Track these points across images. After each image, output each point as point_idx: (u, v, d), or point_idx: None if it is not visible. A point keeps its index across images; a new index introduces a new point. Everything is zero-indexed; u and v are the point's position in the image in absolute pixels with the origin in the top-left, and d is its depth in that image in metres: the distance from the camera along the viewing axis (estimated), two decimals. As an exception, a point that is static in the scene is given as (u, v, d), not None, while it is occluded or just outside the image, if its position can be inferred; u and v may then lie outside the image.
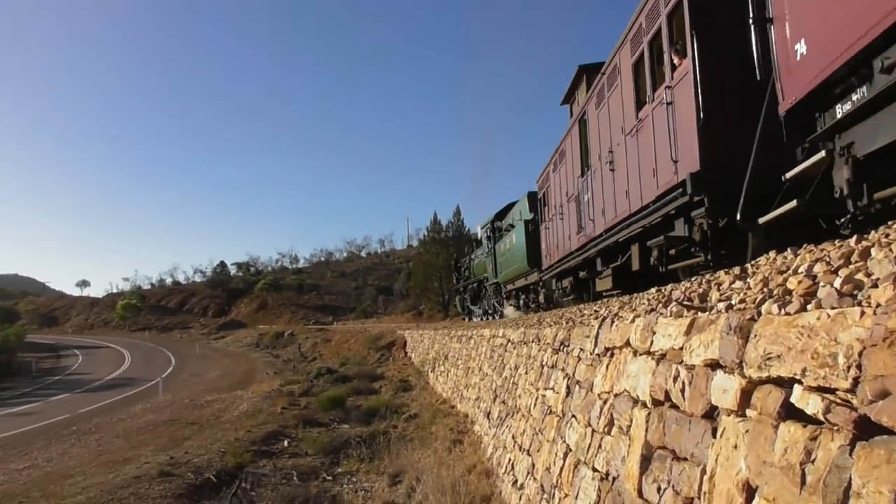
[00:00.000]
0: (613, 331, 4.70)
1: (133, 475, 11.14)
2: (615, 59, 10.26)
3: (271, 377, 30.97)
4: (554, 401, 6.43)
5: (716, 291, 3.78)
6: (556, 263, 15.81)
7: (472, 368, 15.04)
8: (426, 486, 8.66)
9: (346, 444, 13.72)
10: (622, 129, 10.03)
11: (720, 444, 2.57)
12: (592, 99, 11.92)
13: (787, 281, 2.87)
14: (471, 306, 32.18)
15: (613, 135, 10.58)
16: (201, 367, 44.27)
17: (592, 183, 12.11)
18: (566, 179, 14.44)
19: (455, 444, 11.37)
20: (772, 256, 4.56)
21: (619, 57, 10.05)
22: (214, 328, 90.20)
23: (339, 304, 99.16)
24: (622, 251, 10.89)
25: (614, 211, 10.61)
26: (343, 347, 42.85)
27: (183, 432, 16.00)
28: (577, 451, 4.99)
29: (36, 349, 64.26)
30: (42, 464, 14.07)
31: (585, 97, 12.69)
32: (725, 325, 2.67)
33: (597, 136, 11.70)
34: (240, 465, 11.84)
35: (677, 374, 3.17)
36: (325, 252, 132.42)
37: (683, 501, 2.86)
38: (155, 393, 28.04)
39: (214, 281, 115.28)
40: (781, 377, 2.18)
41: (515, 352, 10.16)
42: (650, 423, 3.50)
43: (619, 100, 10.14)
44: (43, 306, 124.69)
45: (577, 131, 13.19)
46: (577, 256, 13.49)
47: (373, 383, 24.99)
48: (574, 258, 13.82)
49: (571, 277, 14.78)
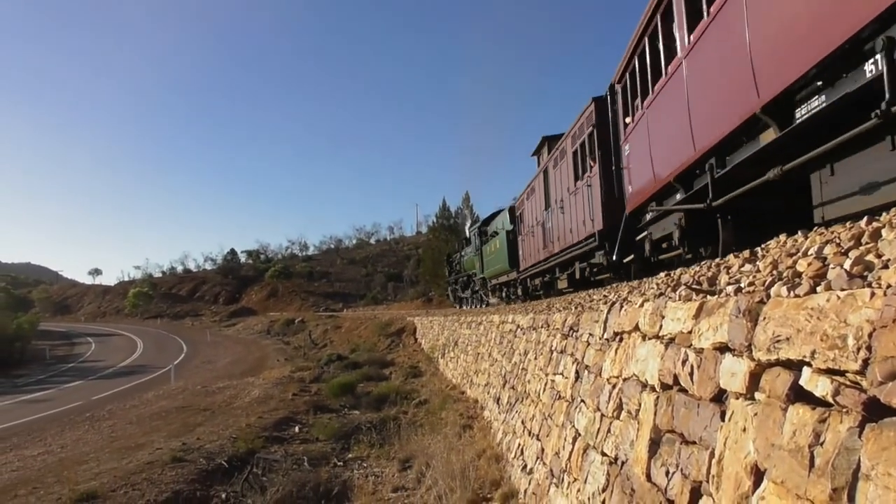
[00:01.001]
0: (622, 315, 4.68)
1: (146, 461, 11.24)
2: (564, 143, 15.55)
3: (282, 364, 31.16)
4: (563, 386, 6.43)
5: (725, 275, 3.75)
6: (530, 267, 20.95)
7: (482, 354, 15.06)
8: (436, 472, 8.70)
9: (357, 430, 13.79)
10: (567, 188, 15.19)
11: (729, 427, 2.56)
12: (551, 161, 17.10)
13: (797, 263, 2.85)
14: (461, 295, 37.79)
15: (563, 189, 15.75)
16: (213, 354, 44.59)
17: (551, 217, 17.18)
18: (536, 208, 19.50)
19: (465, 430, 11.41)
20: (781, 239, 4.52)
21: (566, 143, 15.28)
22: (225, 315, 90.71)
23: (348, 291, 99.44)
24: (570, 264, 16.06)
25: (565, 240, 15.66)
26: (353, 334, 43.01)
27: (195, 419, 16.12)
28: (587, 435, 4.99)
29: (49, 337, 64.92)
30: (56, 450, 14.22)
31: (547, 158, 17.97)
32: (734, 308, 2.65)
33: (554, 186, 16.96)
34: (251, 450, 11.93)
35: (686, 358, 3.15)
36: (334, 239, 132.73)
37: (692, 485, 2.86)
38: (167, 380, 28.27)
39: (225, 269, 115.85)
40: (790, 360, 2.16)
41: (525, 337, 10.16)
42: (659, 407, 3.49)
43: (566, 169, 15.21)
44: (56, 294, 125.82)
45: (542, 178, 18.34)
46: (544, 265, 18.61)
47: (383, 369, 25.11)
48: (542, 265, 18.99)
49: (540, 278, 20.07)
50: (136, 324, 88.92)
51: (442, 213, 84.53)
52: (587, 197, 13.15)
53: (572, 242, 14.74)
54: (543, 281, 19.63)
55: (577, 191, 14.07)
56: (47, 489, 10.05)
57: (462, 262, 36.06)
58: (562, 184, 15.76)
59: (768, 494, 2.13)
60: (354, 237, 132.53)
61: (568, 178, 14.98)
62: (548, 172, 17.49)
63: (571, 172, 14.54)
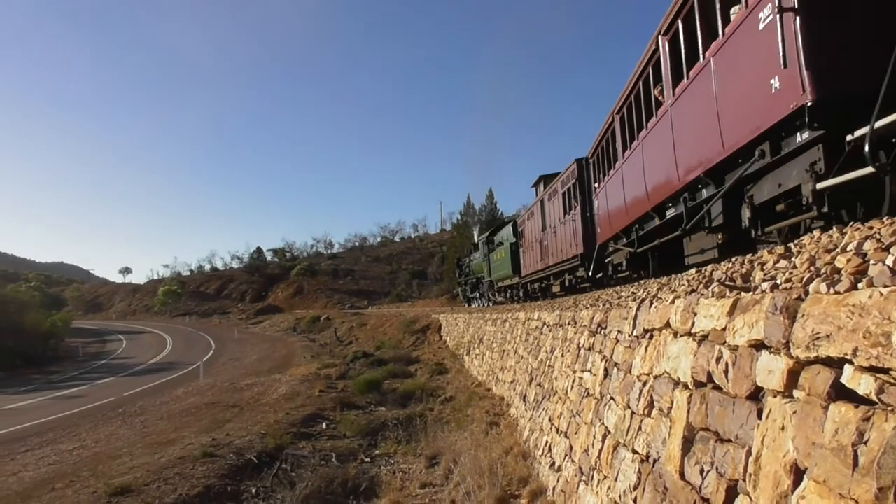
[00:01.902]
0: (652, 312, 4.64)
1: (177, 456, 11.41)
2: (556, 184, 20.25)
3: (308, 361, 31.40)
4: (591, 383, 6.39)
5: (759, 271, 3.70)
6: (530, 274, 25.73)
7: (508, 351, 15.03)
8: (464, 468, 8.71)
9: (383, 427, 13.87)
10: (559, 218, 19.79)
11: (766, 425, 2.53)
12: (546, 195, 22.16)
13: (836, 259, 2.80)
14: (470, 295, 43.24)
15: (555, 218, 20.43)
16: (240, 351, 45.08)
17: (547, 237, 21.83)
18: (535, 228, 24.19)
19: (491, 427, 11.40)
20: (815, 235, 4.45)
21: (557, 185, 20.03)
22: (252, 313, 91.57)
23: (373, 289, 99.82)
24: (561, 275, 20.55)
25: (557, 256, 20.25)
26: (378, 331, 43.16)
27: (224, 415, 16.33)
28: (616, 433, 4.96)
29: (82, 334, 66.13)
30: (90, 444, 14.50)
31: (542, 192, 23.05)
32: (771, 304, 2.61)
33: (549, 215, 21.74)
34: (280, 446, 12.05)
35: (720, 356, 3.12)
36: (359, 237, 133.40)
37: (728, 483, 2.82)
38: (196, 376, 28.64)
39: (251, 267, 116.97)
40: (831, 357, 2.12)
41: (551, 334, 10.12)
42: (692, 404, 3.45)
43: (558, 204, 19.88)
44: (88, 293, 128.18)
45: (540, 207, 23.16)
46: (542, 273, 23.39)
47: (408, 367, 25.19)
48: (540, 274, 23.76)
49: (538, 283, 24.66)
50: (165, 321, 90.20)
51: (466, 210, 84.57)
52: (572, 228, 18.15)
53: (562, 259, 19.56)
54: (541, 286, 24.29)
55: (565, 222, 18.96)
56: (83, 483, 10.25)
57: (471, 265, 40.92)
58: (554, 214, 20.63)
59: (809, 493, 2.10)
60: (379, 235, 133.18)
61: (559, 210, 19.79)
62: (544, 203, 22.51)
63: (561, 207, 19.46)
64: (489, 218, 76.26)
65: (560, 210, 19.51)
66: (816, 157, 5.46)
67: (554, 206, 20.47)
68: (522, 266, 26.81)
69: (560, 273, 20.35)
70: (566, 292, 19.80)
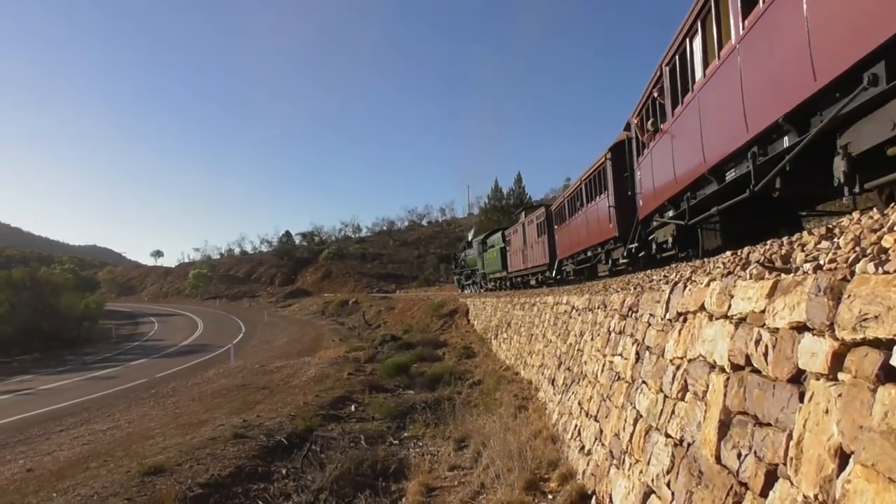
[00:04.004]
0: (686, 295, 4.57)
1: (209, 436, 11.59)
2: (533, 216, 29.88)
3: (337, 344, 31.66)
4: (622, 367, 6.33)
5: (800, 252, 3.60)
6: (514, 272, 34.91)
7: (536, 335, 14.99)
8: (492, 451, 8.72)
9: (412, 410, 13.93)
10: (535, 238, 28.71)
11: (808, 408, 2.47)
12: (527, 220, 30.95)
13: (882, 239, 2.71)
14: (465, 283, 52.67)
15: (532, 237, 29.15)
16: (270, 334, 45.65)
17: (527, 249, 30.61)
18: (518, 240, 33.02)
19: (520, 411, 11.39)
20: (855, 217, 4.31)
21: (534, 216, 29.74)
22: (281, 296, 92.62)
23: (401, 273, 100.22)
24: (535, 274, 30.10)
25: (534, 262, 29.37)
26: (406, 315, 43.37)
27: (254, 396, 16.55)
28: (649, 417, 4.90)
29: (115, 317, 67.65)
30: (124, 424, 14.80)
31: (524, 218, 32.25)
32: (814, 286, 2.54)
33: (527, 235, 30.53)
34: (309, 428, 12.17)
35: (759, 338, 3.05)
36: (386, 221, 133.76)
37: (767, 467, 2.77)
38: (227, 358, 29.09)
39: (280, 250, 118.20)
40: (879, 339, 2.06)
41: (580, 318, 10.05)
42: (729, 388, 3.39)
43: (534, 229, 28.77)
44: (120, 276, 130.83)
45: (522, 228, 32.02)
46: (523, 272, 32.78)
47: (436, 350, 25.27)
48: (521, 272, 33.11)
49: (521, 278, 33.97)
50: (195, 304, 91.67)
51: (494, 194, 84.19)
52: (542, 247, 27.57)
53: (536, 265, 29.34)
54: (522, 280, 33.99)
55: (538, 242, 28.29)
56: (117, 462, 10.47)
57: (466, 260, 51.70)
58: (531, 235, 29.94)
59: (855, 478, 2.04)
60: (406, 219, 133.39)
61: (534, 233, 29.09)
62: (525, 226, 31.50)
63: (535, 232, 28.94)
64: (517, 202, 75.89)
65: (535, 234, 28.98)
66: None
67: (531, 230, 29.80)
68: (509, 265, 35.73)
69: (535, 273, 30.49)
70: (539, 285, 29.56)
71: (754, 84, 7.02)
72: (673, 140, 10.63)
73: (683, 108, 9.78)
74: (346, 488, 9.05)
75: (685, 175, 10.03)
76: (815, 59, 5.43)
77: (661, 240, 12.95)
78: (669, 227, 12.02)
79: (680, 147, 10.29)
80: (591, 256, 20.07)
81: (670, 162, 10.90)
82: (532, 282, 31.19)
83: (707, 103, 8.73)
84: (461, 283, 54.43)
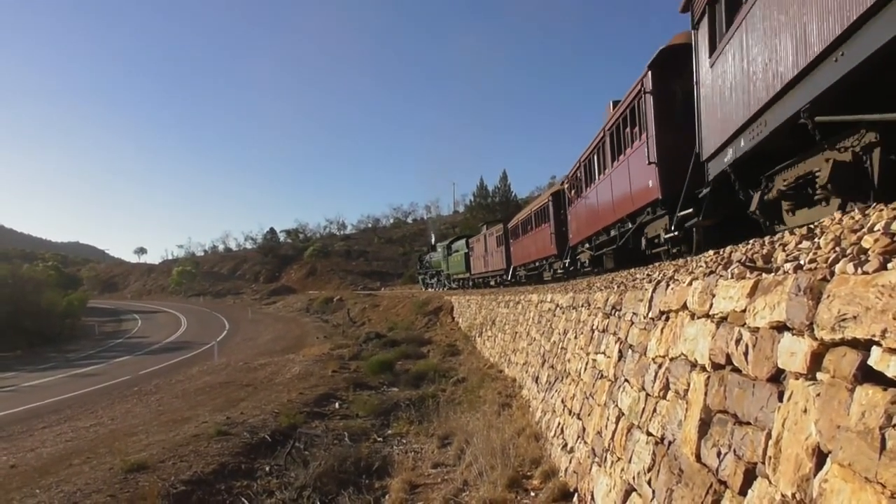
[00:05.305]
0: (669, 294, 4.59)
1: (192, 434, 11.51)
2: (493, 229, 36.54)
3: (321, 341, 31.54)
4: (605, 365, 6.36)
5: (781, 252, 3.63)
6: (477, 273, 40.88)
7: (520, 333, 15.02)
8: (476, 449, 8.72)
9: (396, 407, 13.90)
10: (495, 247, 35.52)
11: (787, 407, 2.48)
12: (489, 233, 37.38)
13: (862, 240, 2.73)
14: (429, 281, 58.60)
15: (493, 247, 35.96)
16: (254, 331, 45.39)
17: (488, 255, 36.96)
18: (481, 248, 38.87)
19: (503, 408, 11.42)
20: (837, 216, 4.35)
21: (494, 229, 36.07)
22: (265, 294, 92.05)
23: (386, 270, 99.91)
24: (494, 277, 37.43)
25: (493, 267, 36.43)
26: (391, 312, 43.28)
27: (238, 394, 16.45)
28: (631, 415, 4.93)
29: (98, 314, 66.95)
30: (107, 422, 14.66)
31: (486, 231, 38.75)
32: (794, 285, 2.55)
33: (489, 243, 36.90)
34: (293, 425, 12.12)
35: (740, 337, 3.06)
36: (371, 218, 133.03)
37: (746, 466, 2.79)
38: (210, 356, 28.87)
39: (265, 248, 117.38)
40: (857, 339, 2.07)
41: (564, 316, 10.08)
42: (710, 386, 3.41)
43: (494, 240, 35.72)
44: (103, 273, 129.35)
45: (484, 238, 38.24)
46: (485, 274, 39.00)
47: (421, 348, 25.25)
48: (484, 274, 39.31)
49: (482, 279, 40.66)
50: (179, 301, 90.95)
51: (479, 192, 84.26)
52: (501, 256, 33.59)
53: (496, 269, 35.48)
54: (483, 281, 40.35)
55: (498, 251, 34.16)
56: (100, 459, 10.37)
57: (431, 261, 57.39)
58: (491, 245, 35.93)
59: (832, 477, 2.06)
60: (392, 216, 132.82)
61: (495, 244, 35.00)
62: (486, 237, 37.37)
63: (495, 243, 34.74)
64: (502, 199, 75.97)
65: (495, 244, 35.10)
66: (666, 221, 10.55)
67: (492, 241, 36.04)
68: (472, 268, 42.06)
69: (494, 275, 36.93)
70: (497, 286, 34.86)
71: (617, 193, 14.00)
72: (586, 203, 17.69)
73: (590, 189, 16.94)
74: (329, 485, 9.03)
75: (592, 227, 17.11)
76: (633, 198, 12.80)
77: (583, 260, 19.55)
78: (587, 253, 18.48)
79: (589, 209, 17.38)
80: (538, 266, 27.09)
81: (585, 217, 18.12)
82: (491, 282, 38.43)
83: (601, 190, 15.61)
84: (425, 282, 60.91)
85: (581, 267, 19.97)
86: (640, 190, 12.01)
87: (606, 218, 15.05)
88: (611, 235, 15.11)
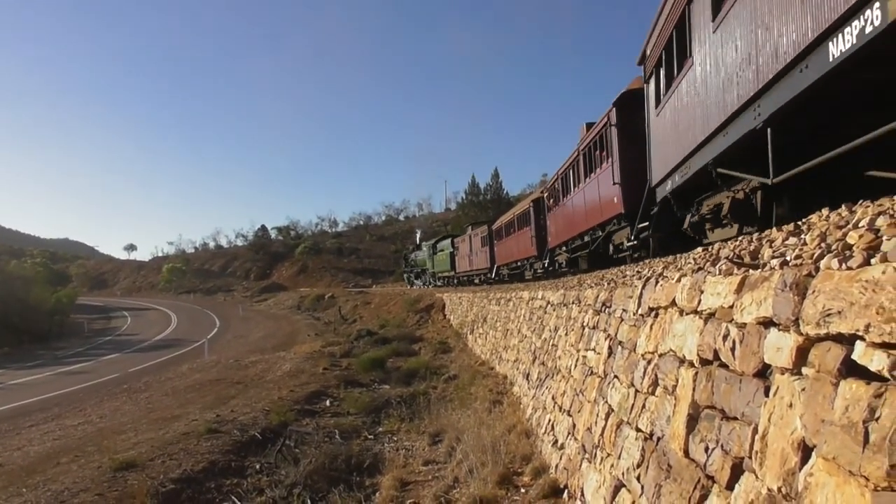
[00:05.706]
0: (658, 290, 4.61)
1: (182, 432, 11.48)
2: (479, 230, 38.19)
3: (313, 339, 31.53)
4: (595, 361, 6.38)
5: (768, 248, 3.65)
6: (462, 272, 42.82)
7: (511, 330, 15.05)
8: (466, 445, 8.74)
9: (387, 405, 13.90)
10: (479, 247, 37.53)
11: (773, 402, 2.50)
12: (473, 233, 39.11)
13: (847, 236, 2.75)
14: (414, 280, 60.82)
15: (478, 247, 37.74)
16: (245, 328, 45.28)
17: (473, 255, 39.09)
18: (466, 247, 41.00)
19: (494, 405, 11.44)
20: (824, 213, 4.39)
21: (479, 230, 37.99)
22: (257, 291, 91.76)
23: (377, 268, 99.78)
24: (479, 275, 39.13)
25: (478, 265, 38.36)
26: (382, 310, 43.27)
27: (228, 391, 16.41)
28: (620, 411, 4.95)
29: (87, 311, 66.53)
30: (96, 420, 14.60)
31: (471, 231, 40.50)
32: (780, 281, 2.57)
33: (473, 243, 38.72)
34: (284, 423, 12.10)
35: (727, 333, 3.08)
36: (363, 216, 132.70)
37: (733, 461, 2.80)
38: (201, 353, 28.80)
39: (256, 245, 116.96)
40: (842, 334, 2.08)
41: (555, 313, 10.11)
42: (698, 382, 3.43)
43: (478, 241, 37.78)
44: (93, 270, 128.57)
45: (469, 238, 40.20)
46: (469, 273, 41.38)
47: (412, 345, 25.29)
48: (469, 273, 41.36)
49: (466, 277, 42.50)
50: (169, 298, 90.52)
51: (471, 189, 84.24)
52: (485, 255, 35.54)
53: (480, 267, 37.45)
54: (468, 279, 41.91)
55: (483, 251, 36.18)
56: (88, 457, 10.33)
57: (416, 260, 59.65)
58: (476, 245, 37.88)
59: (817, 471, 2.07)
60: (383, 214, 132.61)
61: (479, 245, 37.05)
62: (471, 238, 39.23)
63: (479, 243, 36.80)
64: (494, 197, 76.01)
65: (479, 244, 36.92)
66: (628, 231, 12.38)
67: (476, 241, 37.74)
68: (457, 266, 43.91)
69: (478, 274, 38.82)
70: (481, 283, 37.23)
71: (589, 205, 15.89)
72: (563, 211, 19.75)
73: (567, 199, 18.95)
74: (320, 483, 9.02)
75: (568, 232, 19.02)
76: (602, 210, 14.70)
77: (560, 261, 21.40)
78: (564, 255, 20.38)
79: (566, 217, 19.39)
80: (520, 265, 29.16)
81: (562, 223, 20.17)
82: (476, 280, 40.49)
83: (576, 201, 17.67)
84: (410, 280, 63.50)
85: (559, 267, 22.00)
86: (607, 204, 14.15)
87: (580, 225, 17.38)
88: (584, 240, 17.24)
